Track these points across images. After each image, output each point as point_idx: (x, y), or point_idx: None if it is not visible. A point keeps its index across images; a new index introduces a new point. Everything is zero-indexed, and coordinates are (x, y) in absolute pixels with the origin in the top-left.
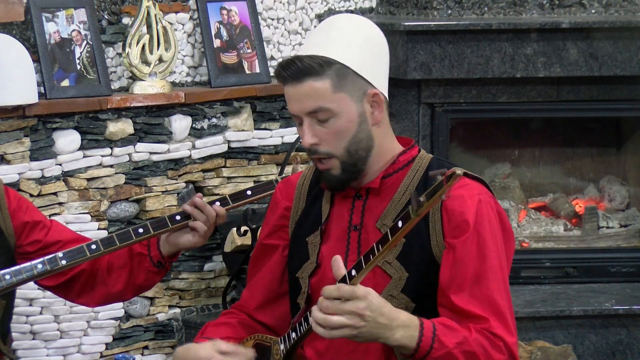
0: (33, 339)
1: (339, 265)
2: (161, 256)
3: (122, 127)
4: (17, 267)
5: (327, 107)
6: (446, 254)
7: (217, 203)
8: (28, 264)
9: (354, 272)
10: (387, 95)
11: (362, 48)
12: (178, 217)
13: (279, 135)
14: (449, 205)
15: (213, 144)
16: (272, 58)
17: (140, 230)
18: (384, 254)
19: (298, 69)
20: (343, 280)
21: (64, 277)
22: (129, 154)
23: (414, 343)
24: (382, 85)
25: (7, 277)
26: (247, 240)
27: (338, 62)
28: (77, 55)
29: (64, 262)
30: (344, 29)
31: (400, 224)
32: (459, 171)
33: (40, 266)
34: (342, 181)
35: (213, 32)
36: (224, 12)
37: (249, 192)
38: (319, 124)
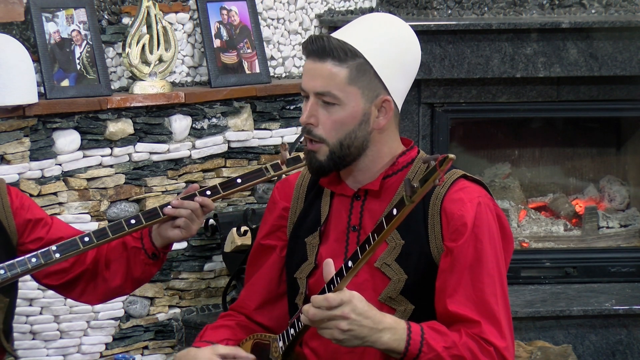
0: (33, 339)
1: (329, 269)
2: (155, 248)
3: (122, 127)
4: (11, 261)
5: (336, 95)
6: (444, 257)
7: (208, 192)
8: (21, 257)
9: (350, 263)
10: (399, 107)
11: (393, 53)
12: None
13: (279, 135)
14: (448, 208)
15: (213, 144)
16: (272, 58)
17: (133, 221)
18: (380, 242)
19: (324, 46)
20: (331, 282)
21: (67, 276)
22: (129, 154)
23: (402, 346)
24: (398, 96)
25: (2, 271)
26: (247, 240)
27: (363, 56)
28: (77, 55)
29: (57, 255)
30: (384, 29)
31: (394, 211)
32: (451, 155)
33: (34, 260)
34: (324, 168)
35: (213, 32)
36: (224, 12)
37: (239, 181)
38: (322, 107)
